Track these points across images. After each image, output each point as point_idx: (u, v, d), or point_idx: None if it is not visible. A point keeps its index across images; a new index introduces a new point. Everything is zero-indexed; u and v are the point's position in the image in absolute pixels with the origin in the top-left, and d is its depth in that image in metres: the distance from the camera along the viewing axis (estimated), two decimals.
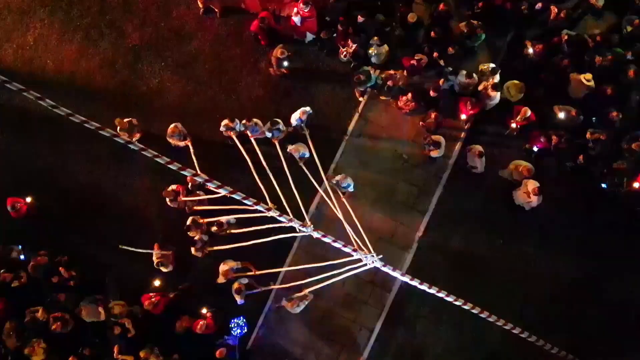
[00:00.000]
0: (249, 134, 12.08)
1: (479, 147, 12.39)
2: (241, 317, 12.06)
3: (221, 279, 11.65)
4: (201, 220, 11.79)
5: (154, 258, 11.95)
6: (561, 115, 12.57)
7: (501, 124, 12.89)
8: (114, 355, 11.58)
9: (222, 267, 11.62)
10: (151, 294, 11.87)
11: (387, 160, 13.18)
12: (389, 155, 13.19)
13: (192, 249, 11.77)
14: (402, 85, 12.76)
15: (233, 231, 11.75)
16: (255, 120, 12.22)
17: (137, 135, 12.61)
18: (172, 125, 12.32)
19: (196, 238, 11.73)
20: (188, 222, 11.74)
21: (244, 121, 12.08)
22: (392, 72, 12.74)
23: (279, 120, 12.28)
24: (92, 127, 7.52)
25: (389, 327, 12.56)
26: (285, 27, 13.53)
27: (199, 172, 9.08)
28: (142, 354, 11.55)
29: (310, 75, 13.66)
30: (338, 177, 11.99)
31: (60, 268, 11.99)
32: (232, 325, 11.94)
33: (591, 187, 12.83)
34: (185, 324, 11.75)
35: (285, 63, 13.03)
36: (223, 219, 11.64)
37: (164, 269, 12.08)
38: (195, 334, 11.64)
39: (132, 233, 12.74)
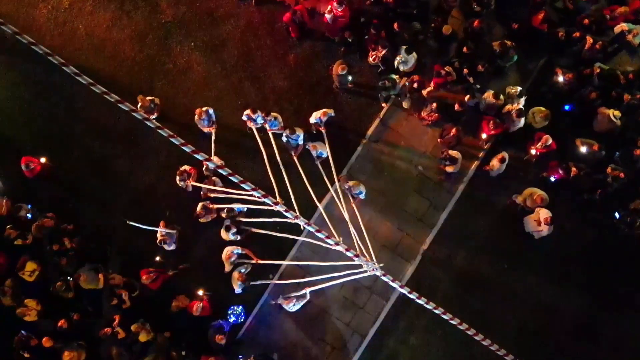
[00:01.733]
0: (267, 127, 12.10)
1: (504, 153, 12.27)
2: (240, 307, 12.10)
3: (227, 268, 11.75)
4: (211, 206, 11.83)
5: (158, 235, 12.00)
6: (583, 149, 12.45)
7: (521, 149, 12.75)
8: (113, 324, 11.63)
9: (225, 251, 11.69)
10: (150, 269, 11.91)
11: (401, 169, 13.11)
12: (405, 164, 13.12)
13: (223, 231, 11.86)
14: (427, 95, 12.74)
15: (242, 219, 11.87)
16: (274, 114, 12.21)
17: (155, 115, 12.65)
18: (203, 109, 12.36)
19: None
20: (198, 209, 11.81)
21: (262, 114, 12.09)
22: (418, 77, 12.71)
23: (298, 131, 12.23)
24: (112, 100, 7.53)
25: (382, 335, 12.52)
26: (318, 24, 13.45)
27: (213, 157, 9.16)
28: (133, 328, 11.61)
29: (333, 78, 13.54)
30: (351, 183, 11.98)
31: (65, 239, 12.06)
32: (230, 312, 11.98)
33: (603, 225, 12.72)
34: (181, 303, 11.81)
35: (350, 77, 12.91)
36: (234, 205, 11.71)
37: (166, 247, 12.13)
38: (190, 314, 11.69)
39: (140, 208, 12.83)
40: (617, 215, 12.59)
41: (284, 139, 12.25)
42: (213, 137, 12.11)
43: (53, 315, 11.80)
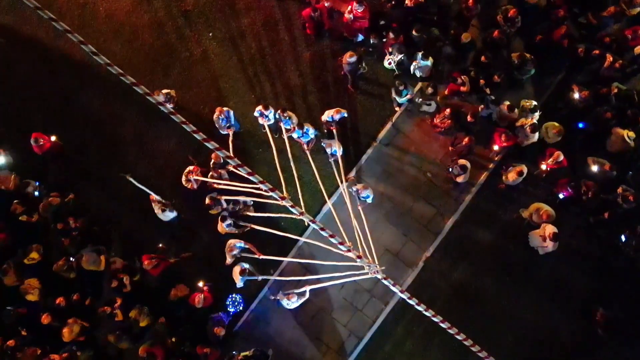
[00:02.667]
0: (282, 125, 12.14)
1: (523, 167, 12.20)
2: (239, 295, 12.13)
3: (229, 261, 11.75)
4: (218, 197, 11.87)
5: (156, 206, 12.02)
6: (594, 167, 12.37)
7: (532, 163, 12.64)
8: (114, 306, 11.66)
9: (228, 244, 11.71)
10: (152, 255, 11.90)
11: (410, 174, 13.07)
12: (414, 170, 13.07)
13: (219, 223, 11.84)
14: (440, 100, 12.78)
15: (249, 213, 11.92)
16: (290, 113, 12.21)
17: (170, 105, 12.65)
18: (224, 108, 12.38)
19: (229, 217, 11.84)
20: (207, 201, 11.85)
21: (278, 111, 12.08)
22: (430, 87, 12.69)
23: (307, 125, 12.27)
24: (127, 82, 7.52)
25: (379, 339, 12.49)
26: (337, 24, 13.41)
27: (231, 154, 9.15)
28: (132, 314, 11.64)
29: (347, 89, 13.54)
30: (358, 186, 11.96)
31: (70, 218, 12.09)
32: (228, 302, 11.99)
33: (609, 246, 12.64)
34: (180, 292, 11.82)
35: (361, 67, 12.88)
36: (241, 198, 11.73)
37: (169, 215, 12.15)
38: (187, 303, 11.70)
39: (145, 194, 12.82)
40: (623, 238, 12.49)
41: (295, 134, 12.26)
42: (231, 138, 12.11)
43: (55, 294, 11.86)
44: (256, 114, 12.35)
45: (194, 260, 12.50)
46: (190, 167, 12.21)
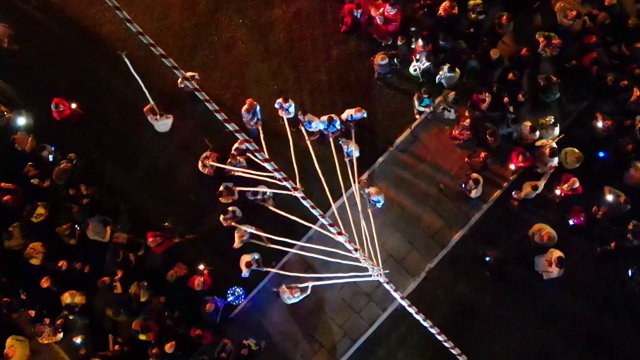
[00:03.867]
0: (303, 129, 12.23)
1: (539, 182, 12.13)
2: (242, 289, 12.12)
3: (237, 244, 11.77)
4: (233, 188, 11.91)
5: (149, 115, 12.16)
6: (609, 197, 12.26)
7: (546, 186, 12.48)
8: (114, 278, 11.70)
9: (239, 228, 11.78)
10: (157, 233, 11.93)
11: (423, 183, 13.00)
12: (427, 180, 13.01)
13: (221, 217, 11.85)
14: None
15: (269, 206, 12.00)
16: (310, 116, 12.25)
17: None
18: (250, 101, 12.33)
19: (230, 209, 11.84)
20: (221, 188, 11.87)
21: (300, 113, 12.19)
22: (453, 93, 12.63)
23: (311, 117, 12.28)
24: (157, 52, 7.48)
25: (372, 344, 12.44)
26: (369, 24, 13.37)
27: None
28: (132, 290, 11.69)
29: (374, 80, 13.48)
30: (371, 189, 11.94)
31: (82, 185, 12.14)
32: (230, 292, 11.97)
33: (615, 279, 12.53)
34: (178, 272, 11.80)
35: (389, 69, 12.83)
36: (260, 189, 11.81)
37: (165, 120, 12.37)
38: (186, 284, 11.71)
39: (159, 173, 12.97)
40: (630, 272, 12.39)
41: (321, 125, 12.33)
42: (262, 135, 12.04)
43: (57, 259, 11.85)
44: (276, 105, 12.38)
45: (198, 243, 12.52)
46: (207, 153, 12.22)
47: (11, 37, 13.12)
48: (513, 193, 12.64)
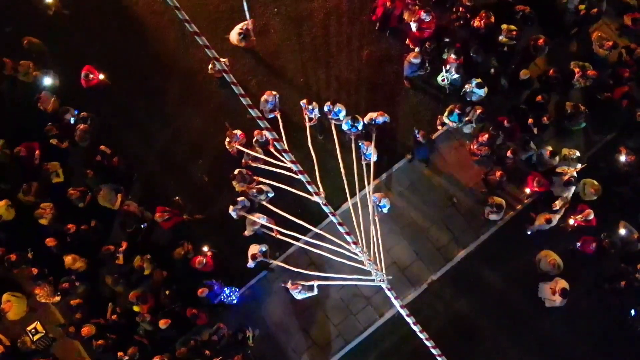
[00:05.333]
0: (330, 117, 12.21)
1: (553, 215, 12.01)
2: (238, 290, 12.07)
3: (247, 232, 11.83)
4: (248, 173, 11.95)
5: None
6: (622, 231, 12.14)
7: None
8: (119, 249, 11.77)
9: (251, 217, 11.82)
10: (166, 208, 11.96)
11: (436, 195, 12.94)
12: (440, 192, 12.94)
13: (230, 207, 11.86)
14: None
15: (266, 204, 11.97)
16: (340, 105, 12.24)
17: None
18: (273, 92, 12.41)
19: (239, 199, 11.85)
20: (235, 172, 11.90)
21: (328, 103, 12.13)
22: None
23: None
24: (190, 29, 7.45)
25: (365, 348, 12.41)
26: (399, 22, 13.24)
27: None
28: (136, 263, 11.74)
29: (402, 84, 13.41)
30: (378, 194, 11.91)
31: (102, 146, 12.26)
32: (227, 291, 11.90)
33: (617, 316, 12.41)
34: (184, 250, 11.83)
35: (418, 68, 12.67)
36: (264, 187, 11.82)
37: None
38: (191, 266, 11.74)
39: (176, 147, 13.04)
40: (633, 312, 12.27)
41: (345, 125, 12.34)
42: (281, 124, 12.13)
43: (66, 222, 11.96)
44: (302, 104, 12.44)
45: (206, 224, 12.56)
46: (237, 132, 12.23)
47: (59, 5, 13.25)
48: (527, 225, 12.55)
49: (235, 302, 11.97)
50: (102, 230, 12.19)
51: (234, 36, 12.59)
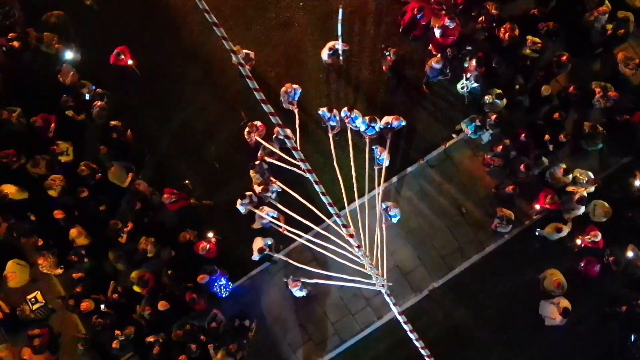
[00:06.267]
0: (347, 122, 12.29)
1: (563, 225, 11.96)
2: (229, 287, 12.05)
3: (256, 225, 11.93)
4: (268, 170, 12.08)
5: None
6: (630, 254, 12.04)
7: (568, 233, 12.21)
8: (125, 228, 11.84)
9: (260, 210, 11.92)
10: (174, 190, 12.01)
11: (445, 203, 12.87)
12: (450, 200, 12.88)
13: (238, 202, 11.91)
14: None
15: (273, 202, 12.07)
16: (357, 112, 12.27)
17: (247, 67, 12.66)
18: (294, 85, 12.48)
19: (247, 193, 11.90)
20: (257, 162, 12.02)
21: (345, 109, 12.18)
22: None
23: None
24: (210, 20, 7.48)
25: (360, 348, 12.42)
26: (425, 30, 13.18)
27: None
28: (141, 245, 11.79)
29: (421, 88, 13.32)
30: (389, 203, 11.90)
31: (117, 122, 12.32)
32: (221, 283, 11.91)
33: (616, 341, 12.32)
34: (190, 236, 11.88)
35: (440, 72, 12.67)
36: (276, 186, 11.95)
37: None
38: (192, 249, 11.77)
39: (191, 133, 13.09)
40: (632, 337, 12.17)
41: (362, 126, 12.37)
42: (297, 121, 12.29)
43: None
44: (319, 112, 12.50)
45: (213, 211, 12.61)
46: (258, 123, 12.22)
47: None
48: (537, 230, 12.46)
49: (224, 296, 11.97)
50: (110, 203, 12.21)
51: (324, 52, 12.66)
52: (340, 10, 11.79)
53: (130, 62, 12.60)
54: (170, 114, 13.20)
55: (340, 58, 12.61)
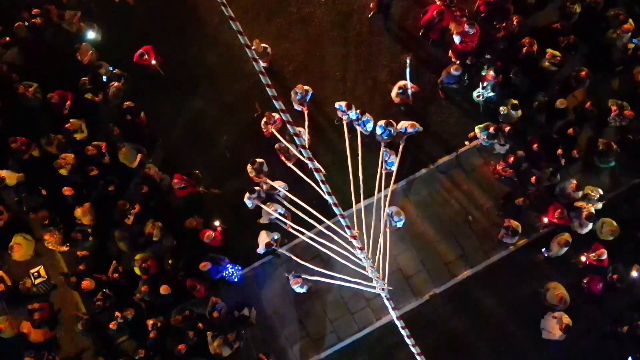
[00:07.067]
0: (357, 124, 12.34)
1: (568, 236, 11.84)
2: (240, 268, 12.14)
3: (263, 220, 12.01)
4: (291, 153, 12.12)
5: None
6: (635, 274, 12.00)
7: (574, 247, 12.08)
8: (132, 210, 11.86)
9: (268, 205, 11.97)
10: (184, 177, 12.02)
11: (452, 210, 12.85)
12: (457, 207, 12.85)
13: (246, 195, 11.95)
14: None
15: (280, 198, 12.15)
16: (368, 115, 12.29)
17: (264, 64, 12.64)
18: (305, 87, 12.47)
19: (256, 188, 11.97)
20: (257, 159, 12.05)
21: (357, 111, 12.18)
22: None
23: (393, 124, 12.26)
24: (226, 13, 7.45)
25: (356, 348, 12.42)
26: (443, 33, 13.14)
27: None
28: (147, 228, 11.82)
29: (437, 94, 13.33)
30: (394, 209, 11.89)
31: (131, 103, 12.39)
32: (230, 268, 11.95)
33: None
34: (196, 224, 11.89)
35: (455, 80, 12.72)
36: (277, 185, 11.96)
37: None
38: (197, 236, 11.79)
39: (206, 120, 13.18)
40: (630, 358, 12.08)
41: (379, 130, 12.35)
42: (307, 122, 12.33)
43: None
44: (337, 107, 12.44)
45: (220, 200, 12.63)
46: (276, 115, 12.24)
47: None
48: (543, 250, 12.42)
49: (236, 280, 12.03)
50: (119, 184, 12.27)
51: (393, 91, 12.73)
52: (408, 61, 12.03)
53: (153, 62, 12.62)
54: (184, 100, 13.25)
55: (410, 98, 12.58)
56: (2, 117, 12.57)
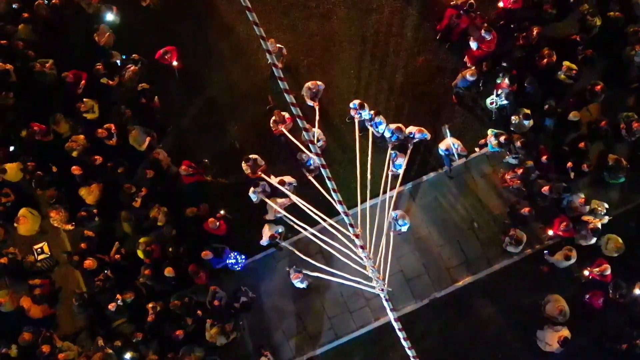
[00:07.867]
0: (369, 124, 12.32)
1: (573, 252, 11.80)
2: (244, 257, 12.15)
3: (269, 217, 12.06)
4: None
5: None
6: (637, 292, 11.92)
7: (578, 260, 11.99)
8: (139, 193, 11.93)
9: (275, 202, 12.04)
10: (192, 164, 12.05)
11: (458, 215, 12.82)
12: (463, 213, 12.81)
13: (251, 189, 11.99)
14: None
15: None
16: (381, 117, 12.30)
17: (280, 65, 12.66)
18: (318, 82, 12.52)
19: (261, 182, 12.02)
20: (252, 156, 12.05)
21: (372, 111, 12.19)
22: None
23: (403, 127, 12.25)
24: (243, 4, 7.42)
25: (353, 346, 12.43)
26: (460, 36, 13.06)
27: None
28: (152, 213, 11.88)
29: (450, 98, 13.27)
30: (399, 212, 11.88)
31: (141, 84, 12.46)
32: (232, 257, 11.98)
33: None
34: (199, 212, 11.91)
35: (470, 82, 12.65)
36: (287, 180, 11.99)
37: None
38: (201, 224, 11.80)
39: (217, 109, 13.21)
40: None
41: (387, 133, 12.35)
42: (317, 117, 12.36)
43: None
44: (351, 105, 12.45)
45: (227, 189, 12.66)
46: (286, 114, 12.23)
47: None
48: (546, 252, 12.35)
49: (238, 269, 12.06)
50: (128, 166, 12.29)
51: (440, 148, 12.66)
52: (447, 131, 12.25)
53: (175, 63, 12.66)
54: (196, 88, 13.28)
55: (456, 159, 12.52)
56: (16, 93, 12.56)
